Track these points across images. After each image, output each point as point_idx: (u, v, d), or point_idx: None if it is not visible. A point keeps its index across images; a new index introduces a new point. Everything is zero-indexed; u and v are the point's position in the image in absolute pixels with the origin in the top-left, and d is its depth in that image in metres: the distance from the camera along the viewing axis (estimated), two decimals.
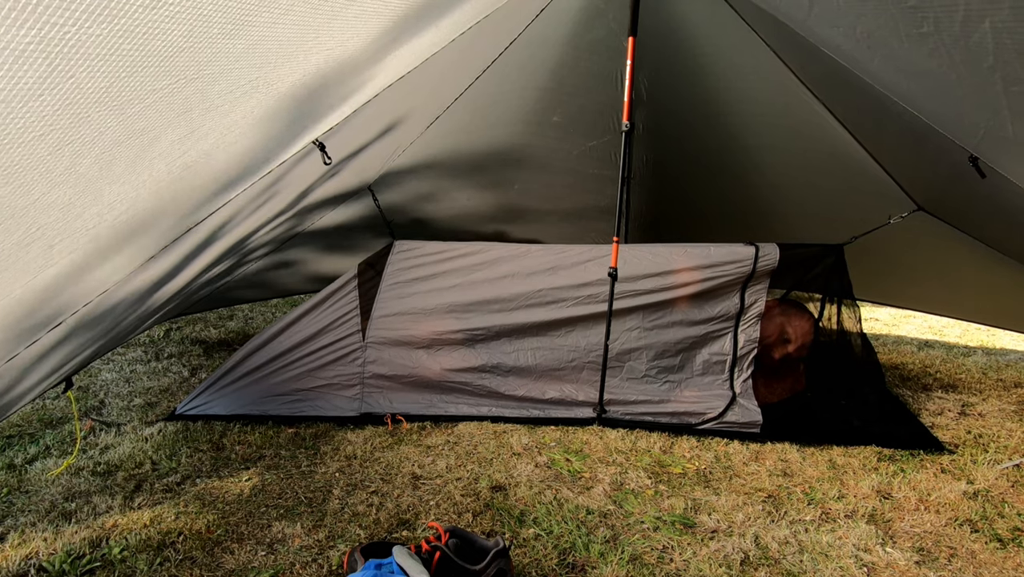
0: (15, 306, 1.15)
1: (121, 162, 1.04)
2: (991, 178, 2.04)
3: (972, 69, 1.57)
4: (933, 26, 1.49)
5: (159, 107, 1.00)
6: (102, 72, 0.82)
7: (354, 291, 2.73)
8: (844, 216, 3.20)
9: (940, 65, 1.63)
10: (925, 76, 1.79)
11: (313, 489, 2.04)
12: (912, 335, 4.73)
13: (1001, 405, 2.97)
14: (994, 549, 1.77)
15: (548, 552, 1.70)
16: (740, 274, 2.64)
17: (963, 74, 1.62)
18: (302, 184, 2.32)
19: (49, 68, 0.75)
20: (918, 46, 1.62)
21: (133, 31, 0.81)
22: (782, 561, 1.68)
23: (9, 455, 2.29)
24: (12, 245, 0.97)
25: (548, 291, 2.71)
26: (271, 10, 1.03)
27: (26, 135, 0.79)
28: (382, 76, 1.88)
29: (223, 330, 4.29)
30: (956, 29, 1.45)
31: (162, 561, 1.64)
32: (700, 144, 3.23)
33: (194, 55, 0.95)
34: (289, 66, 1.26)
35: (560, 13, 2.55)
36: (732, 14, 2.39)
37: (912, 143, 2.34)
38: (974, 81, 1.63)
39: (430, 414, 2.66)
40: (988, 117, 1.77)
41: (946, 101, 1.88)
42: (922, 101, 1.97)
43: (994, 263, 2.94)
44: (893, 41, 1.68)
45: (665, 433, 2.54)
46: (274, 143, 1.60)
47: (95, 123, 0.88)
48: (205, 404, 2.61)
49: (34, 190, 0.89)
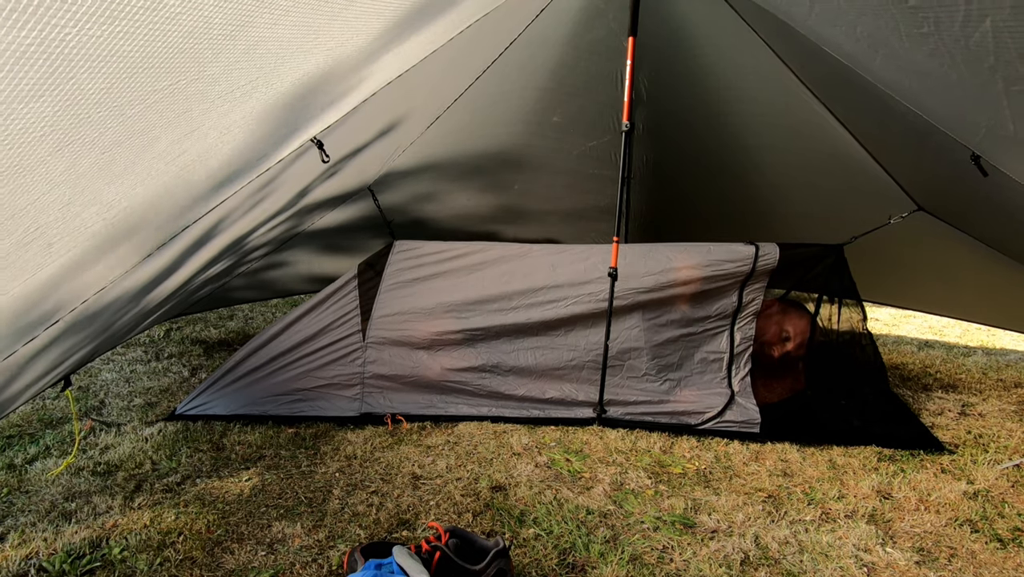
0: (12, 303, 1.15)
1: (120, 162, 1.04)
2: (993, 176, 2.04)
3: (973, 69, 1.57)
4: (934, 26, 1.49)
5: (159, 108, 1.00)
6: (103, 73, 0.82)
7: (354, 291, 2.73)
8: (844, 216, 3.20)
9: (941, 65, 1.63)
10: (926, 75, 1.79)
11: (313, 489, 2.04)
12: (912, 335, 4.73)
13: (1001, 405, 2.97)
14: (994, 549, 1.77)
15: (548, 552, 1.70)
16: (740, 273, 2.64)
17: (964, 74, 1.62)
18: (300, 182, 2.32)
19: (50, 69, 0.75)
20: (919, 46, 1.62)
21: (134, 32, 0.81)
22: (782, 561, 1.68)
23: (9, 455, 2.29)
24: (12, 244, 0.97)
25: (548, 290, 2.71)
26: (271, 11, 1.03)
27: (27, 136, 0.79)
28: (381, 75, 1.88)
29: (223, 330, 4.29)
30: (957, 29, 1.45)
31: (162, 561, 1.64)
32: (700, 144, 3.23)
33: (194, 56, 0.95)
34: (289, 66, 1.26)
35: (560, 13, 2.55)
36: (732, 14, 2.39)
37: (914, 142, 2.34)
38: (975, 81, 1.63)
39: (430, 414, 2.66)
40: (989, 116, 1.77)
41: (947, 100, 1.88)
42: (924, 99, 1.97)
43: (994, 263, 2.95)
44: (894, 41, 1.68)
45: (665, 433, 2.54)
46: (272, 141, 1.60)
47: (95, 124, 0.88)
48: (205, 404, 2.61)
49: (34, 190, 0.89)
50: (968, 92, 1.73)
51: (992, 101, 1.66)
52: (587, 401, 2.65)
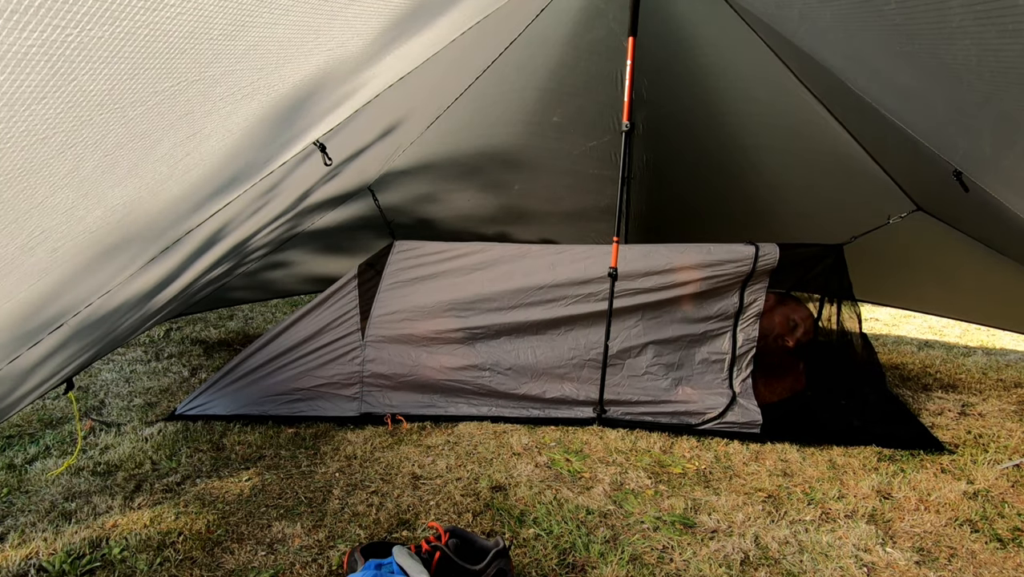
0: (19, 307, 1.15)
1: (124, 165, 1.04)
2: (974, 192, 2.05)
3: (953, 88, 1.56)
4: (918, 45, 1.48)
5: (161, 109, 1.00)
6: (104, 75, 0.82)
7: (354, 291, 2.73)
8: (844, 216, 3.20)
9: (923, 84, 1.63)
10: (910, 93, 1.78)
11: (313, 489, 2.05)
12: (912, 335, 4.73)
13: (1001, 405, 2.97)
14: (994, 549, 1.77)
15: (548, 552, 1.70)
16: (740, 273, 2.64)
17: (945, 93, 1.61)
18: (303, 185, 2.32)
19: (52, 71, 0.75)
20: (904, 65, 1.61)
21: (135, 33, 0.81)
22: (782, 561, 1.68)
23: (9, 455, 2.29)
24: (16, 248, 0.97)
25: (548, 290, 2.71)
26: (271, 10, 1.03)
27: (29, 138, 0.79)
28: (383, 76, 1.88)
29: (223, 330, 4.29)
30: (940, 49, 1.44)
31: (162, 561, 1.64)
32: (700, 144, 3.23)
33: (196, 57, 0.95)
34: (290, 67, 1.26)
35: (560, 13, 2.55)
36: (732, 14, 2.39)
37: (908, 147, 2.34)
38: (955, 100, 1.62)
39: (430, 413, 2.66)
40: (967, 138, 1.77)
41: (929, 116, 1.88)
42: (908, 116, 1.97)
43: (993, 263, 2.95)
44: (880, 60, 1.68)
45: (665, 433, 2.54)
46: (275, 144, 1.60)
47: (98, 126, 0.88)
48: (205, 404, 2.61)
49: (37, 193, 0.89)
50: (948, 112, 1.73)
51: (970, 122, 1.66)
52: (587, 401, 2.66)
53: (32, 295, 1.15)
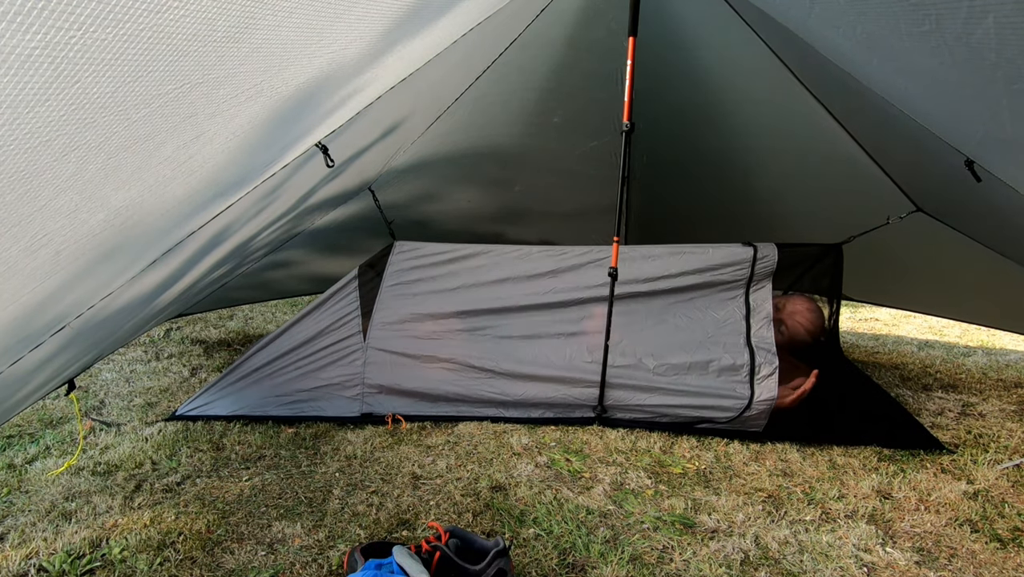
0: (20, 310, 1.15)
1: (127, 168, 1.04)
2: (987, 182, 2.04)
3: (973, 67, 1.55)
4: (935, 23, 1.47)
5: (164, 112, 1.00)
6: (107, 77, 0.82)
7: (355, 292, 2.74)
8: (843, 216, 3.21)
9: (941, 64, 1.62)
10: (924, 76, 1.78)
11: (313, 489, 2.05)
12: (912, 335, 4.74)
13: (1001, 405, 2.98)
14: (994, 549, 1.78)
15: (548, 552, 1.70)
16: (740, 274, 2.64)
17: (964, 73, 1.61)
18: (305, 187, 2.32)
19: (55, 73, 0.75)
20: (919, 45, 1.61)
21: (138, 35, 0.81)
22: (782, 561, 1.69)
23: (9, 455, 2.29)
24: (19, 252, 0.97)
25: (548, 291, 2.71)
26: (275, 13, 1.03)
27: (32, 140, 0.79)
28: (384, 78, 1.88)
29: (223, 330, 4.30)
30: (958, 27, 1.43)
31: (162, 561, 1.64)
32: (700, 144, 3.24)
33: (199, 59, 0.95)
34: (293, 70, 1.26)
35: (560, 13, 2.55)
36: (732, 14, 2.39)
37: (911, 146, 2.34)
38: (975, 80, 1.61)
39: (430, 414, 2.66)
40: (987, 118, 1.77)
41: (944, 102, 1.88)
42: (920, 103, 1.97)
43: (993, 264, 2.95)
44: (894, 41, 1.68)
45: (665, 433, 2.54)
46: (278, 147, 1.60)
47: (101, 128, 0.89)
48: (205, 405, 2.61)
49: (40, 196, 0.89)
50: (967, 93, 1.72)
51: (991, 101, 1.65)
52: (587, 401, 2.66)
53: (35, 298, 1.15)
